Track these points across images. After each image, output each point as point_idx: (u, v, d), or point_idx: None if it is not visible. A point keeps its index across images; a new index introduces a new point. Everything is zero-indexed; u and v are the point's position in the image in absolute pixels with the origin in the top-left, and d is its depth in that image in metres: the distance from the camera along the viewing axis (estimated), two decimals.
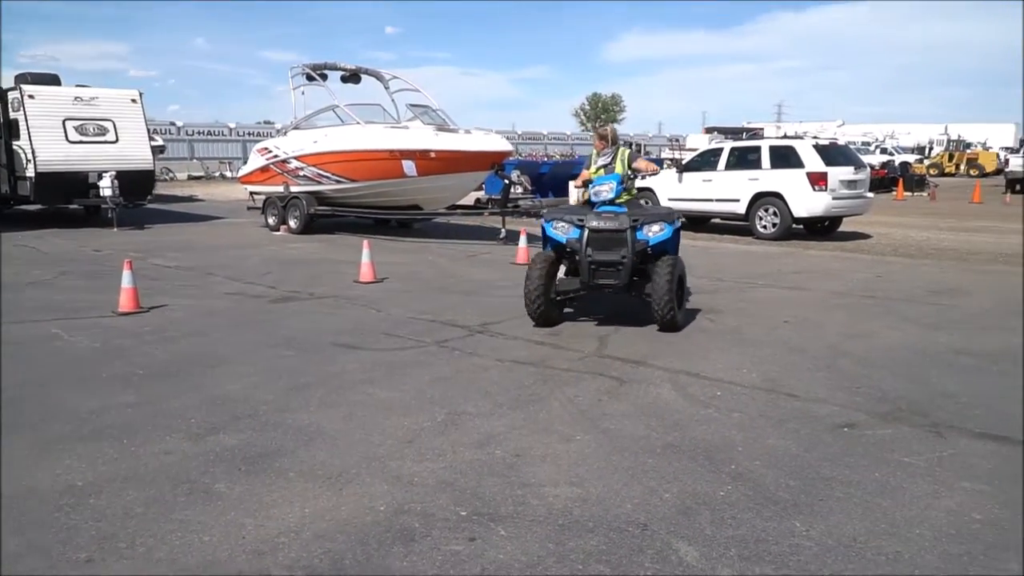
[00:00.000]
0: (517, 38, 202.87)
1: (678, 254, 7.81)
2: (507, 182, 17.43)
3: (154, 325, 7.72)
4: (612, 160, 8.05)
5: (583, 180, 8.32)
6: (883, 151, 43.29)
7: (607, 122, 65.57)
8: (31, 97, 16.88)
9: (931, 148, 53.64)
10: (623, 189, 7.79)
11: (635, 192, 8.49)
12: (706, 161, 16.82)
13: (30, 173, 16.79)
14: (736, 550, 3.37)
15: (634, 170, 8.16)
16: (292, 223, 16.32)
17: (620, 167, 7.98)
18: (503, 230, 14.90)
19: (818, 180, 14.72)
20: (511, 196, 18.58)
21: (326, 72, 16.78)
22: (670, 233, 7.60)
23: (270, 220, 17.00)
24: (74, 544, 3.42)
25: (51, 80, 18.56)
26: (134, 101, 18.54)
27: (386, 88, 17.23)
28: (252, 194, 18.38)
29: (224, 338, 7.25)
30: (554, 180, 22.75)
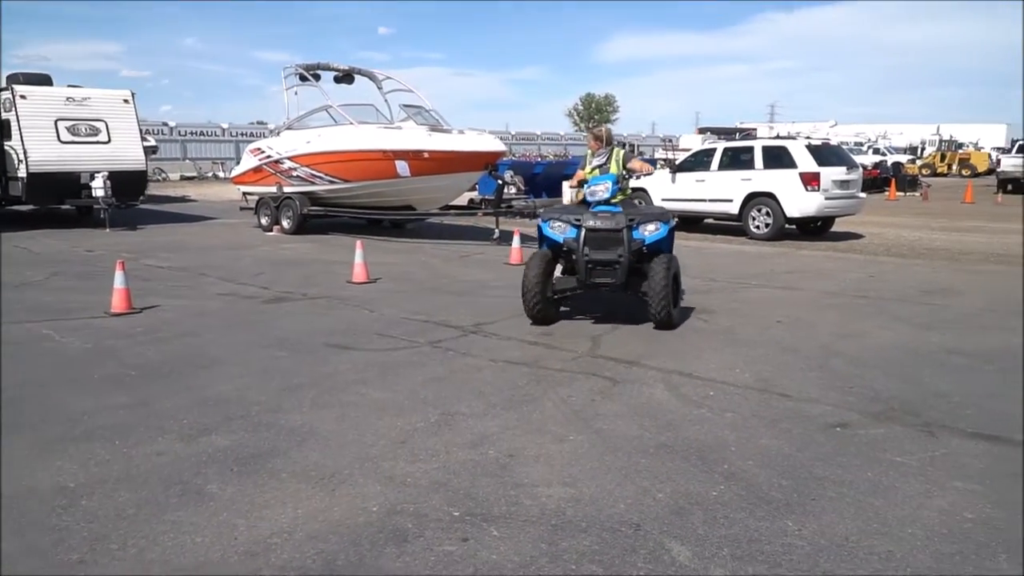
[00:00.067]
0: (510, 39, 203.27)
1: (672, 253, 7.86)
2: (500, 182, 17.38)
3: (146, 326, 7.70)
4: (607, 160, 8.15)
5: (578, 180, 8.45)
6: (876, 151, 43.39)
7: (601, 123, 65.64)
8: (23, 97, 16.81)
9: (923, 148, 53.74)
10: (618, 189, 7.89)
11: (629, 192, 8.61)
12: (699, 161, 16.84)
13: (22, 174, 16.71)
14: (729, 550, 3.38)
15: (629, 170, 8.29)
16: (285, 223, 16.28)
17: (615, 167, 8.07)
18: (496, 230, 14.89)
19: (811, 180, 14.75)
20: (504, 196, 18.53)
21: (319, 72, 16.77)
22: (665, 232, 7.69)
23: (263, 220, 16.96)
24: (66, 545, 3.41)
25: (43, 80, 18.46)
26: (126, 101, 18.48)
27: (379, 88, 17.23)
28: (245, 194, 18.34)
29: (217, 339, 7.23)
30: (548, 180, 22.71)
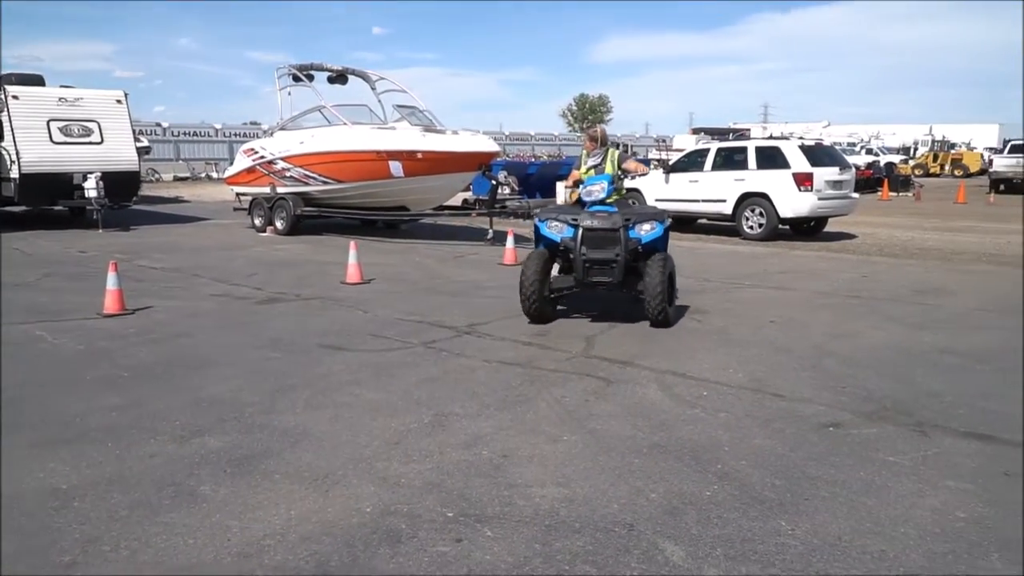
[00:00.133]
0: (504, 39, 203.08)
1: (667, 252, 7.91)
2: (494, 183, 17.40)
3: (139, 327, 7.68)
4: (602, 161, 8.22)
5: (574, 180, 8.53)
6: (868, 151, 43.46)
7: (595, 123, 65.64)
8: (15, 98, 16.74)
9: (916, 149, 53.94)
10: (613, 189, 7.97)
11: (624, 192, 8.68)
12: (693, 162, 16.88)
13: (14, 174, 16.64)
14: (722, 549, 3.38)
15: (624, 171, 8.40)
16: (279, 224, 16.25)
17: (610, 167, 8.15)
18: (490, 231, 14.89)
19: (804, 181, 14.79)
20: (498, 197, 18.56)
21: (312, 73, 16.74)
22: (661, 232, 7.78)
23: (256, 221, 16.92)
24: (58, 547, 3.40)
25: (35, 81, 18.41)
26: (119, 102, 18.41)
27: (373, 89, 17.21)
28: (238, 195, 18.30)
29: (210, 340, 7.21)
30: (542, 181, 22.73)
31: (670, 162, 18.86)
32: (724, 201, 15.78)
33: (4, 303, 8.77)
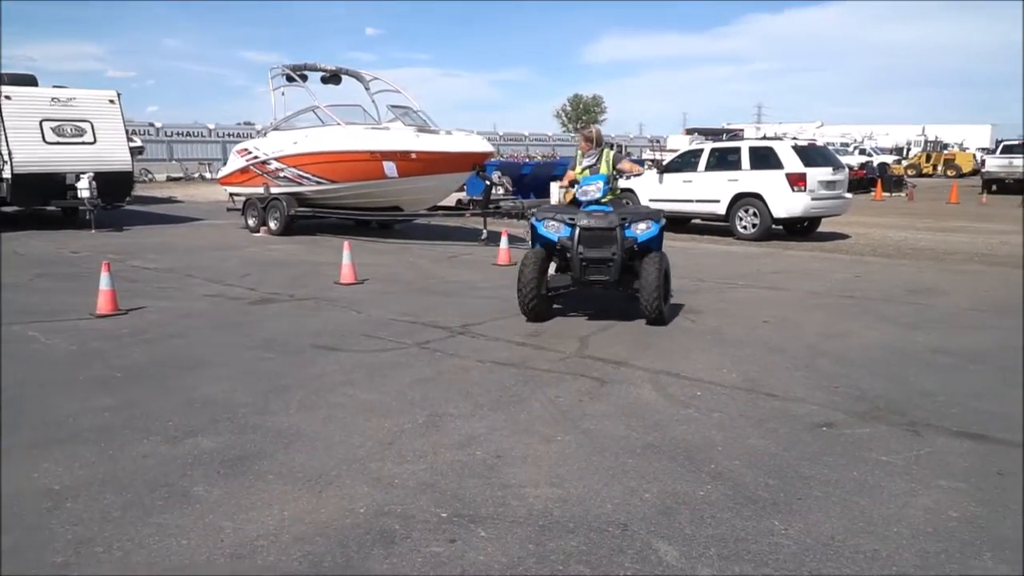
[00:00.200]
0: (498, 40, 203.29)
1: (662, 251, 7.96)
2: (488, 183, 17.38)
3: (132, 327, 7.65)
4: (597, 161, 8.32)
5: (569, 180, 8.62)
6: (862, 152, 43.56)
7: (588, 123, 65.73)
8: (7, 98, 16.66)
9: (909, 149, 54.06)
10: (608, 189, 8.05)
11: (618, 192, 8.76)
12: (686, 162, 16.88)
13: (6, 175, 16.54)
14: (716, 549, 3.39)
15: (619, 171, 8.52)
16: (272, 224, 16.21)
17: (605, 168, 8.24)
18: (484, 231, 14.89)
19: (797, 181, 14.82)
20: (492, 197, 18.53)
21: (306, 73, 16.72)
22: (656, 231, 7.86)
23: (250, 221, 16.88)
24: (50, 548, 3.38)
25: (28, 80, 18.35)
26: (112, 102, 18.34)
27: (366, 89, 17.19)
28: (232, 195, 18.26)
29: (203, 340, 7.20)
30: (536, 181, 22.69)
31: (664, 162, 18.88)
32: (718, 201, 15.79)
33: None
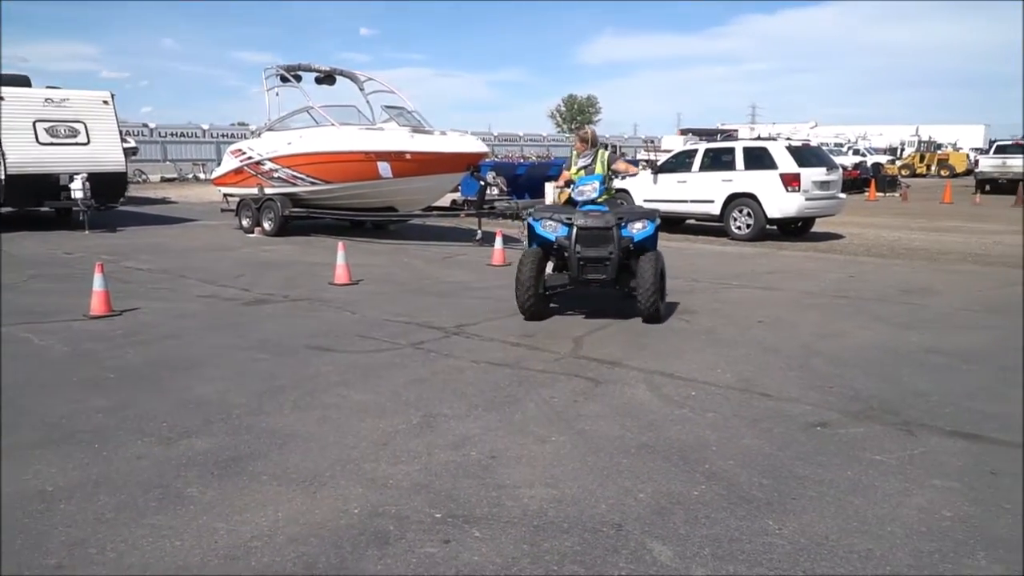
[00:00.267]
0: (492, 40, 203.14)
1: (658, 250, 8.02)
2: (483, 184, 17.42)
3: (126, 328, 7.63)
4: (592, 161, 8.42)
5: (565, 180, 8.69)
6: (855, 152, 43.65)
7: (583, 124, 65.76)
8: (1, 99, 16.62)
9: (903, 149, 54.18)
10: (604, 189, 8.13)
11: (614, 192, 8.84)
12: (681, 162, 16.92)
13: (0, 176, 16.53)
14: (710, 549, 3.39)
15: (614, 171, 8.63)
16: (266, 225, 16.19)
17: (600, 168, 8.33)
18: (479, 232, 14.88)
19: (791, 181, 14.85)
20: (487, 197, 18.58)
21: (300, 73, 16.71)
22: (652, 230, 7.93)
23: (244, 222, 16.85)
24: (44, 550, 3.37)
25: (21, 81, 18.29)
26: (106, 103, 18.29)
27: (361, 90, 17.18)
28: (226, 196, 18.22)
29: (197, 341, 7.18)
30: (530, 181, 22.72)
31: (658, 163, 18.90)
32: (712, 202, 15.83)
33: None
